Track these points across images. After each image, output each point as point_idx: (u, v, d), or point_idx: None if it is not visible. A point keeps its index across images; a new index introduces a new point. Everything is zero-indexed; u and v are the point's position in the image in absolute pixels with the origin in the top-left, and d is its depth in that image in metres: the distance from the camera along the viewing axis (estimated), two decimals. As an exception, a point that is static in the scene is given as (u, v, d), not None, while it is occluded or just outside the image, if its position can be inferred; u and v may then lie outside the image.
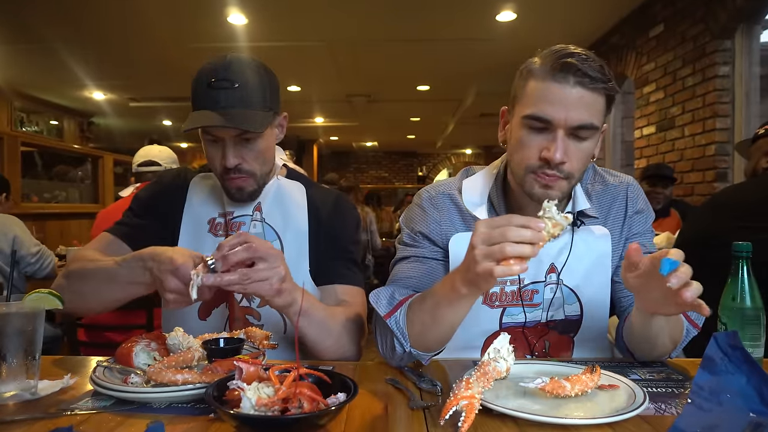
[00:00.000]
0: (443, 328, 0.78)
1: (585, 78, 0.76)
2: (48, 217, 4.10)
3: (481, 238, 0.66)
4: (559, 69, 0.77)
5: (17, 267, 2.31)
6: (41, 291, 0.76)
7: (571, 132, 0.78)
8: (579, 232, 0.91)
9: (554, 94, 0.77)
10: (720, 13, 2.78)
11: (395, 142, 10.75)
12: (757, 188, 1.44)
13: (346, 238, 1.07)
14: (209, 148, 0.97)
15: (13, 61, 4.81)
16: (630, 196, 0.95)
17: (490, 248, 0.64)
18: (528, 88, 0.81)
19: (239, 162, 0.96)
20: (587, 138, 0.80)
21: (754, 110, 2.77)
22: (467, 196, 0.94)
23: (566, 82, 0.77)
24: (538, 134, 0.80)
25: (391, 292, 0.86)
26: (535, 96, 0.79)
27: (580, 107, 0.77)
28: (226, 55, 0.96)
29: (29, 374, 0.72)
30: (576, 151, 0.79)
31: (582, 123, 0.77)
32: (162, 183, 1.12)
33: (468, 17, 3.78)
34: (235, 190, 0.99)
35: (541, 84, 0.79)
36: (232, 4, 3.52)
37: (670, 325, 0.79)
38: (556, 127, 0.78)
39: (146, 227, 1.05)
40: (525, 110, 0.81)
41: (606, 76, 0.78)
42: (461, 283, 0.71)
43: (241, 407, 0.58)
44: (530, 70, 0.82)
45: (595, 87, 0.77)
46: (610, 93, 0.79)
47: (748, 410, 0.61)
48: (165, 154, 2.39)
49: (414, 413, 0.66)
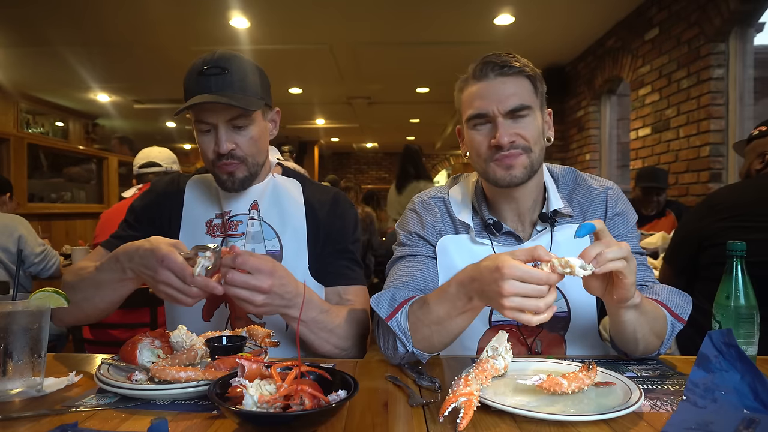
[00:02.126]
0: (452, 334, 0.82)
1: (503, 68, 0.87)
2: (54, 217, 4.11)
3: (512, 281, 0.66)
4: (479, 70, 0.89)
5: (22, 266, 2.32)
6: (47, 289, 0.77)
7: (509, 116, 0.87)
8: (557, 232, 0.94)
9: (482, 90, 0.88)
10: (714, 16, 2.79)
11: (395, 143, 10.75)
12: (751, 189, 1.45)
13: (346, 237, 1.08)
14: (202, 138, 0.98)
15: (19, 63, 4.83)
16: (609, 198, 0.98)
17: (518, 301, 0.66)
18: (462, 97, 0.93)
19: (232, 147, 0.96)
20: (525, 116, 0.88)
21: (748, 112, 2.79)
22: (453, 202, 1.00)
23: (488, 77, 0.88)
24: (482, 129, 0.90)
25: (391, 295, 0.88)
26: (469, 99, 0.90)
27: (508, 93, 0.87)
28: (216, 50, 0.98)
29: (35, 371, 0.73)
30: (521, 128, 0.88)
31: (513, 106, 0.87)
32: (156, 191, 1.11)
33: (467, 21, 3.79)
34: (226, 176, 0.98)
35: (469, 88, 0.91)
36: (235, 8, 3.54)
37: (647, 318, 0.80)
38: (494, 116, 0.87)
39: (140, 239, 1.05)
40: (466, 114, 0.91)
41: (521, 61, 0.89)
42: (478, 299, 0.74)
43: (244, 404, 0.58)
44: (462, 83, 0.93)
45: (514, 71, 0.87)
46: (529, 74, 0.89)
47: (742, 407, 0.62)
48: (165, 155, 2.40)
49: (414, 410, 0.67)
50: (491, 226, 0.95)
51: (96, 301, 0.92)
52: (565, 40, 4.25)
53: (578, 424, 0.61)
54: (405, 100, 6.49)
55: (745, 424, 0.59)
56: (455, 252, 0.96)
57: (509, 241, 0.96)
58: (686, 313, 0.87)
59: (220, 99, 0.91)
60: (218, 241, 1.04)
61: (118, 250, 0.86)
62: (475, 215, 0.98)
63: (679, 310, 0.87)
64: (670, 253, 1.62)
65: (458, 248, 0.96)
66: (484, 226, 0.96)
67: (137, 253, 0.82)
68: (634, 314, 0.78)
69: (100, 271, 0.89)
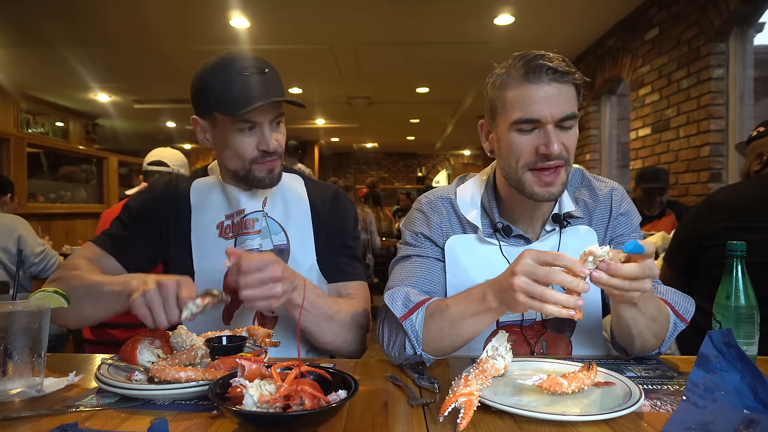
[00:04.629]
0: (462, 339, 0.81)
1: (557, 74, 0.83)
2: (54, 217, 4.11)
3: (525, 270, 0.68)
4: (532, 71, 0.83)
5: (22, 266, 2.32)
6: (47, 289, 0.77)
7: (558, 124, 0.84)
8: (566, 233, 0.94)
9: (535, 95, 0.83)
10: (714, 16, 2.79)
11: (395, 143, 10.77)
12: (751, 189, 1.46)
13: (346, 234, 1.09)
14: (242, 137, 0.97)
15: (19, 63, 4.83)
16: (614, 199, 0.98)
17: (531, 287, 0.67)
18: (507, 97, 0.86)
19: (277, 145, 0.99)
20: (572, 126, 0.86)
21: (748, 112, 2.79)
22: (461, 201, 0.98)
23: (542, 81, 0.83)
24: (528, 135, 0.85)
25: (406, 294, 0.87)
26: (517, 101, 0.85)
27: (560, 100, 0.83)
28: (231, 51, 0.99)
29: (35, 371, 0.73)
30: (567, 138, 0.86)
31: (565, 114, 0.84)
32: (153, 192, 1.10)
33: (467, 21, 3.80)
34: (266, 172, 1.00)
35: (519, 89, 0.85)
36: (235, 8, 3.54)
37: (647, 315, 0.80)
38: (545, 123, 0.84)
39: (134, 239, 1.04)
40: (512, 117, 0.85)
41: (572, 68, 0.85)
42: (493, 298, 0.74)
43: (244, 404, 0.58)
44: (503, 81, 0.87)
45: (566, 80, 0.84)
46: (578, 83, 0.86)
47: (742, 407, 0.62)
48: (176, 157, 2.39)
49: (414, 410, 0.67)
50: (501, 230, 0.95)
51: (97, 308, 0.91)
52: (565, 40, 4.25)
53: (578, 424, 0.61)
54: (405, 100, 6.50)
55: (745, 424, 0.59)
56: (462, 252, 0.95)
57: (518, 242, 0.95)
58: (689, 314, 0.87)
59: (282, 99, 0.95)
60: (231, 243, 1.03)
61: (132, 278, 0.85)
62: (484, 216, 0.97)
63: (683, 311, 0.87)
64: (670, 253, 1.62)
65: (466, 248, 0.95)
66: (493, 228, 0.96)
67: None
68: (634, 311, 0.78)
69: (108, 286, 0.87)
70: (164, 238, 1.05)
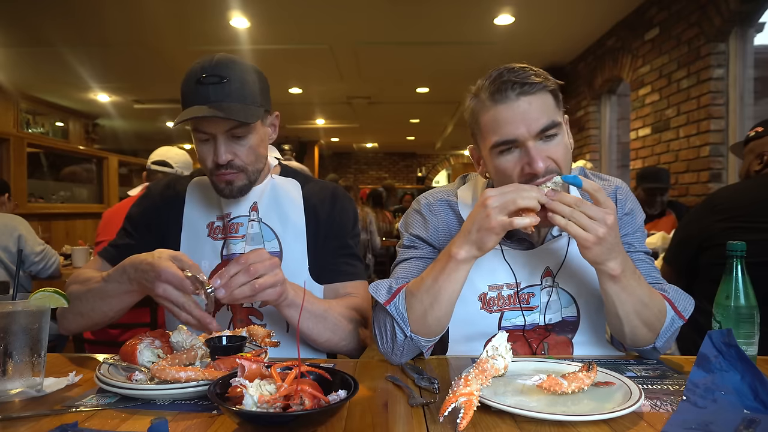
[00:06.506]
0: (442, 305, 0.81)
1: (524, 86, 0.79)
2: (54, 217, 4.11)
3: (494, 195, 0.74)
4: (497, 91, 0.80)
5: (22, 266, 2.32)
6: (47, 289, 0.77)
7: (539, 136, 0.81)
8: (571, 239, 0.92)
9: (505, 115, 0.80)
10: (714, 16, 2.80)
11: (395, 143, 10.78)
12: (751, 189, 1.46)
13: (345, 233, 1.08)
14: (201, 146, 0.97)
15: (19, 63, 4.84)
16: (619, 198, 0.97)
17: (503, 202, 0.73)
18: (482, 122, 0.85)
19: (231, 158, 0.95)
20: (555, 135, 0.82)
21: (748, 112, 2.79)
22: (462, 202, 0.97)
23: (509, 99, 0.80)
24: (511, 154, 0.83)
25: (389, 283, 0.89)
26: (491, 125, 0.82)
27: (534, 113, 0.80)
28: (214, 55, 0.96)
29: (35, 371, 0.73)
30: (553, 149, 0.82)
31: (543, 126, 0.80)
32: (151, 197, 1.10)
33: (467, 21, 3.80)
34: (224, 184, 0.98)
35: (489, 113, 0.82)
36: (235, 8, 3.55)
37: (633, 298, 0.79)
38: (523, 141, 0.81)
39: (137, 246, 1.04)
40: (489, 141, 0.83)
41: (540, 75, 0.81)
42: (459, 246, 0.77)
43: (244, 404, 0.58)
44: (475, 106, 0.86)
45: (535, 90, 0.80)
46: (551, 88, 0.83)
47: (742, 407, 0.62)
48: (180, 157, 2.38)
49: (414, 410, 0.67)
50: None
51: (105, 310, 0.92)
52: (565, 40, 4.25)
53: (578, 424, 0.61)
54: (405, 100, 6.50)
55: (745, 425, 0.59)
56: None
57: (521, 246, 0.94)
58: (688, 311, 0.87)
59: (218, 113, 0.89)
60: (220, 244, 1.04)
61: (125, 262, 0.86)
62: None
63: (682, 308, 0.87)
64: (670, 253, 1.62)
65: None
66: None
67: (140, 266, 0.82)
68: (618, 288, 0.78)
69: (107, 282, 0.89)
70: (171, 239, 1.06)
